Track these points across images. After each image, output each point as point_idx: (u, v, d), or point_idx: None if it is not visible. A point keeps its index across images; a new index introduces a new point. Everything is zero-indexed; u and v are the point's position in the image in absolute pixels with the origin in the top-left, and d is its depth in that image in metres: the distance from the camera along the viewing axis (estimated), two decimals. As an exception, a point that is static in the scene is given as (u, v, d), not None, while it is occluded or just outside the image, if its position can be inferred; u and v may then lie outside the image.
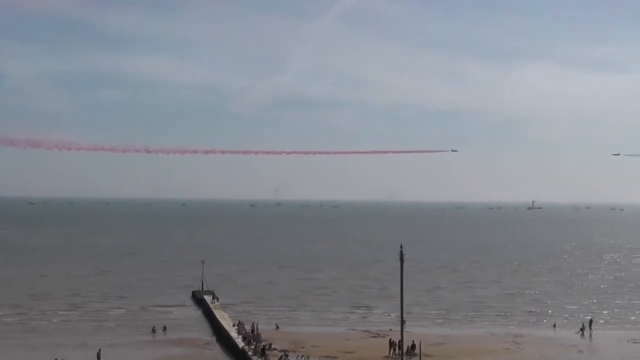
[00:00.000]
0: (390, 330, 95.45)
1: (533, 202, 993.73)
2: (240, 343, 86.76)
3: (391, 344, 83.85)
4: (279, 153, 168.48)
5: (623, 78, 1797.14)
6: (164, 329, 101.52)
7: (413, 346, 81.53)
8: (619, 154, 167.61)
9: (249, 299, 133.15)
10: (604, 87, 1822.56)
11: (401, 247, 64.06)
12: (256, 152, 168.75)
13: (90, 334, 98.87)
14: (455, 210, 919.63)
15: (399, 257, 64.47)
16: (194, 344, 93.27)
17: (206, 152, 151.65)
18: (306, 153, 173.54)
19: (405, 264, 65.10)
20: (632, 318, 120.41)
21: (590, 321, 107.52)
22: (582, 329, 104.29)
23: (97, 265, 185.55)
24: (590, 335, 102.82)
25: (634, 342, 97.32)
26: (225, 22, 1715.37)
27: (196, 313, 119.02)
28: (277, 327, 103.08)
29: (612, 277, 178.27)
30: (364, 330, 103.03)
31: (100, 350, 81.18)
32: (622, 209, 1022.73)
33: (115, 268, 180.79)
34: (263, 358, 77.46)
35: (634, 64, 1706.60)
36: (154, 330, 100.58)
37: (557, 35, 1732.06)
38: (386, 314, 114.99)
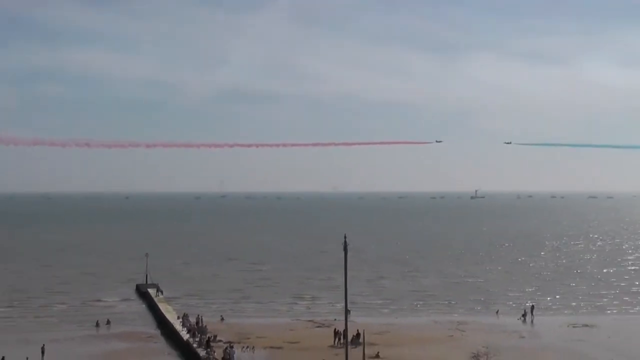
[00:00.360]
0: (335, 320, 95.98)
1: (476, 191, 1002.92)
2: (185, 335, 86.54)
3: (336, 333, 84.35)
4: (222, 146, 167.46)
5: (561, 69, 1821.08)
6: (108, 323, 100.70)
7: (358, 335, 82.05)
8: (510, 143, 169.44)
9: (193, 291, 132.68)
10: (543, 78, 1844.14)
11: (345, 237, 64.28)
12: (199, 146, 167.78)
13: (33, 330, 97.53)
14: (399, 200, 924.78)
15: (342, 247, 64.66)
16: (138, 337, 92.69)
17: (148, 146, 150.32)
18: (249, 146, 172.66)
19: (349, 255, 65.31)
20: (573, 304, 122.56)
21: (532, 307, 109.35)
22: (524, 315, 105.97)
23: (38, 261, 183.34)
24: (532, 321, 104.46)
25: (573, 327, 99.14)
26: (168, 16, 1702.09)
27: (140, 306, 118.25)
28: (222, 319, 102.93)
29: (553, 264, 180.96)
30: (309, 321, 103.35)
31: (44, 345, 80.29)
32: (562, 197, 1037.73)
33: (57, 263, 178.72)
34: (208, 350, 77.31)
35: (572, 55, 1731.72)
36: (97, 325, 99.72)
37: (498, 28, 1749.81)
38: (331, 304, 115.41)
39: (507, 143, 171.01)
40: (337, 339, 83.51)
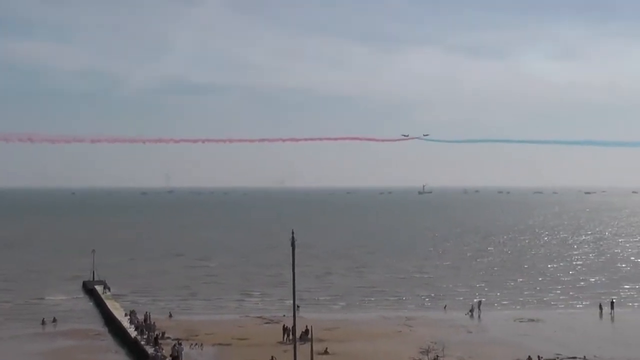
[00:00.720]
0: (284, 316, 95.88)
1: (424, 186, 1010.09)
2: (133, 333, 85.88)
3: (285, 329, 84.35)
4: (168, 141, 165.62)
5: (501, 63, 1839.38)
6: (54, 320, 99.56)
7: (306, 331, 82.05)
8: (427, 135, 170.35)
9: (141, 288, 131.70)
10: (484, 72, 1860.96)
11: (292, 233, 64.23)
12: (144, 141, 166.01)
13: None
14: (346, 195, 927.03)
15: (290, 243, 64.60)
16: (85, 335, 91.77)
17: (93, 141, 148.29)
18: (195, 141, 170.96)
19: (297, 250, 65.32)
20: (520, 299, 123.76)
21: (479, 303, 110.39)
22: (471, 310, 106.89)
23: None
24: (479, 316, 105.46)
25: (520, 321, 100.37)
26: (107, 6, 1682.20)
27: (87, 304, 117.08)
28: (170, 316, 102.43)
29: (500, 259, 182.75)
30: (258, 317, 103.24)
31: (-13, 344, 79.21)
32: (509, 192, 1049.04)
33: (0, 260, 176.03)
34: (156, 347, 76.80)
35: (511, 49, 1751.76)
36: (43, 322, 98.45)
37: (440, 22, 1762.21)
38: (279, 300, 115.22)
39: (425, 135, 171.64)
40: (286, 335, 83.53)
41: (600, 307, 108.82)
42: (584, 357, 76.68)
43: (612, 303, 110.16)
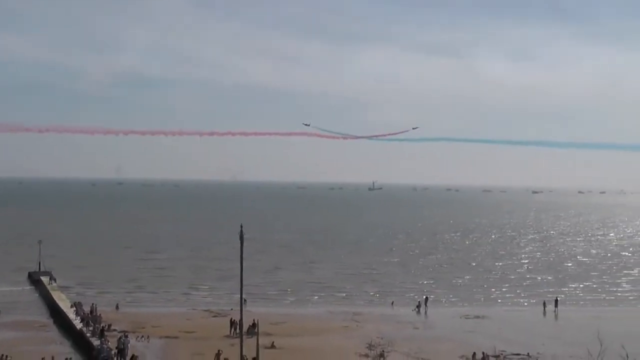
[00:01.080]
0: (232, 309, 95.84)
1: (374, 182, 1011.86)
2: (79, 324, 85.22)
3: (232, 323, 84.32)
4: (117, 133, 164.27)
5: (456, 63, 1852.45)
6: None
7: (254, 325, 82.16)
8: (308, 124, 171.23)
9: (87, 280, 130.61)
10: (440, 71, 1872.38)
11: (241, 227, 64.11)
12: (93, 132, 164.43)
13: None
14: (297, 190, 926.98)
15: (239, 237, 64.52)
16: (30, 326, 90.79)
17: (40, 131, 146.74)
18: (143, 134, 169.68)
19: (245, 244, 65.26)
20: (466, 296, 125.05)
21: (426, 299, 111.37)
22: (418, 307, 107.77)
23: None
24: (426, 313, 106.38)
25: (466, 318, 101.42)
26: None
27: (32, 295, 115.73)
28: (117, 308, 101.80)
29: (448, 257, 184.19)
30: (206, 310, 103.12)
31: None
32: (457, 190, 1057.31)
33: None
34: (102, 339, 76.27)
35: (466, 50, 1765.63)
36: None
37: (396, 21, 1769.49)
38: (228, 294, 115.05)
39: (306, 125, 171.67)
40: (233, 329, 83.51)
41: (544, 305, 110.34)
42: (528, 353, 77.72)
43: (556, 301, 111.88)
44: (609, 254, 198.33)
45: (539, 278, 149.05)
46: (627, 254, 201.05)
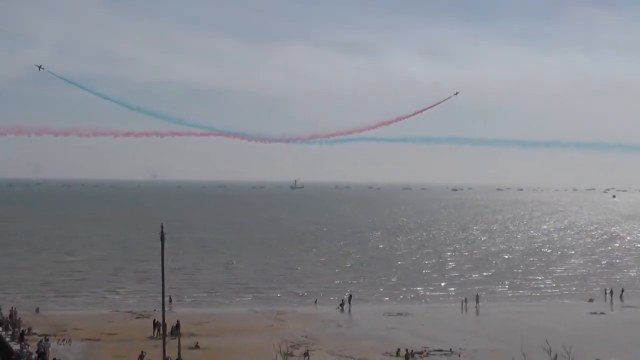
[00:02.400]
0: (155, 310, 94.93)
1: (295, 180, 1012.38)
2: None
3: (155, 324, 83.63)
4: (28, 133, 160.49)
5: (374, 61, 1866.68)
6: None
7: (177, 326, 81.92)
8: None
9: (5, 283, 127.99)
10: (357, 70, 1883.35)
11: (162, 226, 63.72)
12: (4, 133, 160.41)
13: None
14: (218, 189, 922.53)
15: (159, 237, 64.08)
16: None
17: None
18: (56, 134, 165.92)
19: (166, 244, 64.88)
20: (389, 293, 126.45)
21: (349, 297, 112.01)
22: (341, 305, 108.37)
23: None
24: (349, 310, 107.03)
25: (389, 315, 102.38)
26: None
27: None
28: (37, 311, 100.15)
29: (369, 255, 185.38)
30: (128, 312, 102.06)
31: None
32: (379, 188, 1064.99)
33: None
34: (22, 343, 74.97)
35: (381, 48, 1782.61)
36: None
37: (313, 19, 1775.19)
38: (150, 295, 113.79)
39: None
40: (156, 330, 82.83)
41: (466, 301, 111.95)
42: (450, 349, 78.84)
43: (477, 297, 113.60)
44: (528, 250, 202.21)
45: (461, 275, 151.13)
46: (546, 250, 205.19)
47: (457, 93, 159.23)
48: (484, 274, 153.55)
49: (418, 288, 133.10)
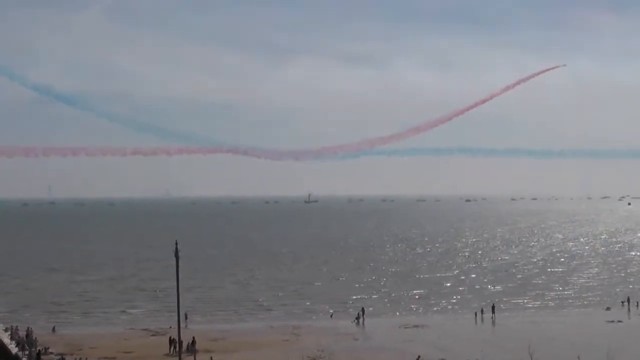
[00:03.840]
0: (170, 327, 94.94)
1: (309, 195, 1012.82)
2: (14, 349, 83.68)
3: (171, 341, 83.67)
4: (36, 154, 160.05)
5: (377, 72, 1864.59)
6: None
7: (193, 342, 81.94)
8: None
9: (19, 303, 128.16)
10: (364, 81, 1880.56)
11: (176, 244, 63.86)
12: (11, 155, 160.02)
13: None
14: (232, 205, 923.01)
15: (174, 254, 64.21)
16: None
17: None
18: (64, 154, 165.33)
19: (181, 262, 64.99)
20: (405, 306, 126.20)
21: (363, 310, 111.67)
22: (357, 318, 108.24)
23: None
24: (363, 324, 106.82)
25: (405, 328, 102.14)
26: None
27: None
28: (54, 330, 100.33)
29: (384, 268, 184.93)
30: (144, 329, 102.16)
31: None
32: (392, 200, 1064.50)
33: None
34: (38, 363, 75.19)
35: (390, 59, 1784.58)
36: None
37: (319, 31, 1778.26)
38: (166, 312, 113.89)
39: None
40: (172, 347, 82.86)
41: (482, 312, 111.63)
42: (467, 360, 78.56)
43: (493, 308, 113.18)
44: (544, 260, 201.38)
45: (477, 286, 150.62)
46: (562, 259, 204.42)
47: (564, 65, 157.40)
48: (500, 284, 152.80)
49: (432, 300, 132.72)
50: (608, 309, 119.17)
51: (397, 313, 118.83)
